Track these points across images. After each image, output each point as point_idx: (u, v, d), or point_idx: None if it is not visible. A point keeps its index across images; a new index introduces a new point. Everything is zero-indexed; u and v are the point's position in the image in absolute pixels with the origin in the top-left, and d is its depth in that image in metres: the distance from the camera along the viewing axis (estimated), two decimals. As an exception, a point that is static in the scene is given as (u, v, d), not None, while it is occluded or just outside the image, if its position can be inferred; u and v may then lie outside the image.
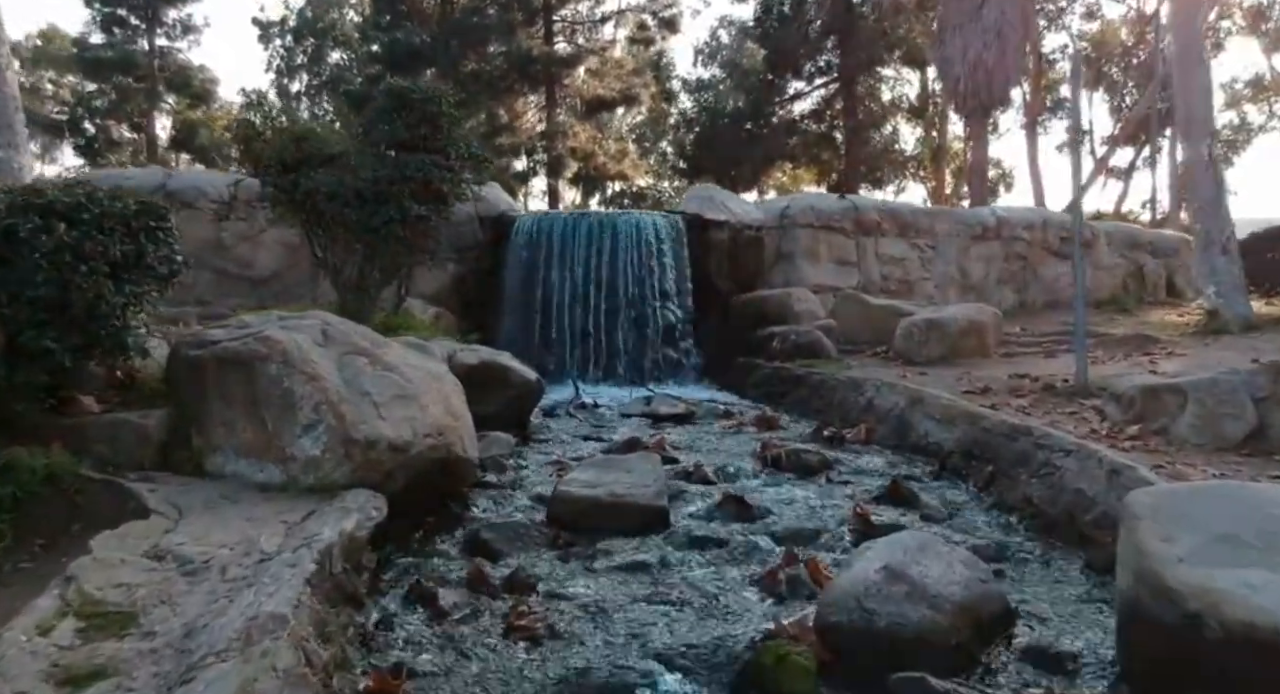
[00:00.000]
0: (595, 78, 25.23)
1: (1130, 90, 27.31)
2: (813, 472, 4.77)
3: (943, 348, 7.26)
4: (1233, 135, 29.13)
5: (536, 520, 3.84)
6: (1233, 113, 29.46)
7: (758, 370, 7.92)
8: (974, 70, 20.46)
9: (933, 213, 11.86)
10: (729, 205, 10.34)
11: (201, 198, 9.27)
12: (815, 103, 25.17)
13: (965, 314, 7.41)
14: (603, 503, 3.82)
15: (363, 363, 3.73)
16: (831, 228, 10.74)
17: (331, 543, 2.79)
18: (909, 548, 2.78)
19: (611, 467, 4.19)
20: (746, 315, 9.35)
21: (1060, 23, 27.38)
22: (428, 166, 6.01)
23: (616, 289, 9.21)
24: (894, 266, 11.09)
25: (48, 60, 30.76)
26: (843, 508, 4.10)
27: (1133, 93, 26.96)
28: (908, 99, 27.06)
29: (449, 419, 3.95)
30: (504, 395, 5.88)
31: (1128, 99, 27.40)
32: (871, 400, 5.84)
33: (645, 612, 2.94)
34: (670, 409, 6.68)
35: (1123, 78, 27.53)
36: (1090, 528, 3.40)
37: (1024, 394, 5.53)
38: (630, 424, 6.39)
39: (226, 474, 3.55)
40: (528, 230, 9.49)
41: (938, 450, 4.90)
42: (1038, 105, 26.55)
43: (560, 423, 6.52)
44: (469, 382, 5.51)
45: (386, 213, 5.82)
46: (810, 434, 5.72)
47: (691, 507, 4.12)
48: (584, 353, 9.12)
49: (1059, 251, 12.41)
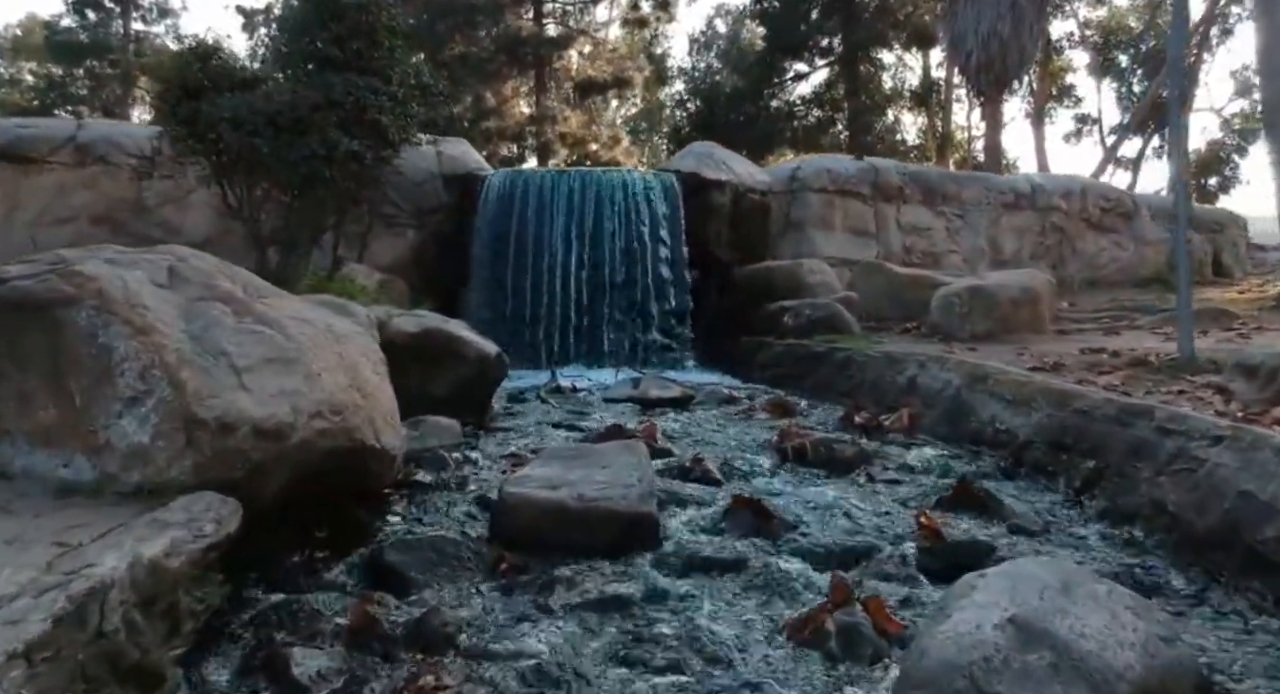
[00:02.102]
0: (586, 60, 24.90)
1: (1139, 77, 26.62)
2: (848, 467, 3.77)
3: (989, 321, 6.26)
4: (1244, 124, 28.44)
5: (474, 535, 2.83)
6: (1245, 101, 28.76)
7: (767, 349, 6.91)
8: (988, 44, 19.91)
9: (961, 178, 10.88)
10: (731, 164, 9.32)
11: (117, 152, 8.21)
12: (816, 86, 24.74)
13: (1016, 281, 6.40)
14: (568, 510, 2.81)
15: (221, 312, 2.71)
16: (848, 193, 9.75)
17: (107, 581, 1.77)
18: (1046, 586, 1.78)
19: (582, 459, 3.17)
20: (752, 289, 8.35)
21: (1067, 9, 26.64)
22: (361, 90, 4.98)
23: (602, 258, 8.20)
24: (917, 237, 10.10)
25: (27, 51, 30.07)
26: (896, 516, 3.10)
27: (1141, 80, 26.30)
28: (909, 87, 26.34)
29: (354, 395, 2.93)
30: (455, 374, 4.87)
31: (1135, 87, 26.77)
32: (914, 380, 4.83)
33: (620, 682, 1.94)
34: (663, 392, 5.67)
35: (1131, 64, 26.78)
36: (1273, 549, 2.40)
37: (1108, 371, 4.54)
38: (615, 410, 5.38)
39: (16, 471, 2.52)
40: (499, 191, 8.46)
41: (1008, 440, 3.90)
42: (1044, 93, 25.92)
43: (529, 409, 5.50)
44: (409, 355, 4.52)
45: (306, 146, 4.78)
46: (838, 421, 4.72)
47: (690, 514, 3.12)
48: (563, 331, 8.10)
49: (1099, 224, 11.44)
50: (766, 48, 23.48)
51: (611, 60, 24.94)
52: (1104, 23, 26.83)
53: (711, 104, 23.51)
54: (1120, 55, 26.98)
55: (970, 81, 21.09)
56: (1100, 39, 26.44)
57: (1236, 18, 25.24)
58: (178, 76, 4.96)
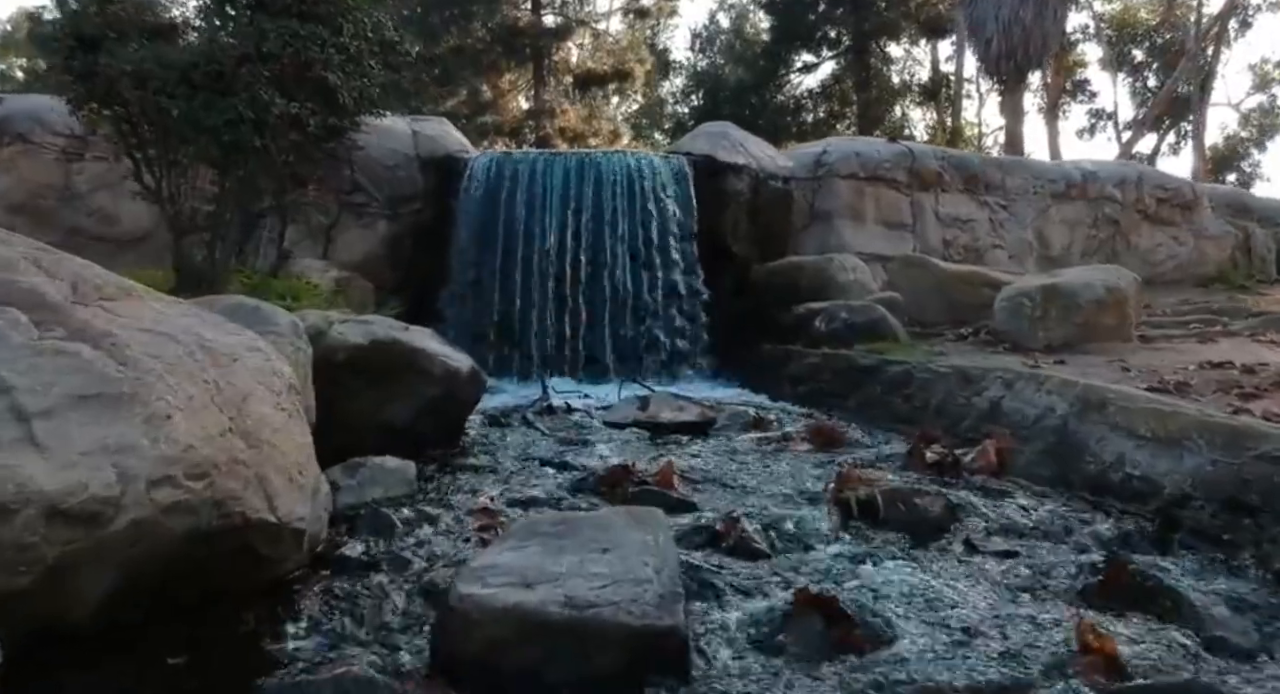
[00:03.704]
0: (586, 52, 24.75)
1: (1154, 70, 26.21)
2: (937, 530, 2.84)
3: (1068, 327, 5.33)
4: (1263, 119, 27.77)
5: (407, 665, 1.91)
6: (1263, 95, 28.06)
7: (797, 360, 5.99)
8: (1009, 30, 19.52)
9: (1005, 164, 9.95)
10: (748, 146, 8.40)
11: (41, 130, 7.30)
12: (824, 79, 24.37)
13: (1100, 279, 5.46)
14: (549, 623, 1.88)
15: (7, 324, 1.78)
16: (881, 180, 8.84)
17: None
18: None
19: (572, 537, 2.23)
20: (774, 288, 7.44)
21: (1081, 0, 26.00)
22: (301, 40, 4.06)
23: (602, 253, 7.30)
24: (958, 230, 9.17)
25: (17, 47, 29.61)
26: (1032, 618, 2.18)
27: (1157, 74, 25.99)
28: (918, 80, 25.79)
29: (233, 445, 2.01)
30: (418, 395, 3.95)
31: (1151, 81, 26.41)
32: (998, 404, 3.90)
33: None
34: (677, 415, 4.74)
35: (1146, 57, 26.23)
36: None
37: (1255, 393, 3.61)
38: (618, 439, 4.45)
39: None
40: (484, 176, 7.55)
41: (1148, 492, 2.97)
42: (1058, 87, 25.24)
43: (513, 436, 4.57)
44: (356, 374, 3.63)
45: (230, 108, 3.86)
46: (903, 458, 3.79)
47: (732, 616, 2.19)
48: (558, 336, 7.19)
49: (1156, 216, 10.53)
50: (773, 38, 23.08)
51: (613, 51, 24.73)
52: (1117, 15, 26.47)
53: (715, 97, 22.91)
54: (1135, 49, 26.37)
55: (990, 69, 20.66)
56: (1114, 32, 26.10)
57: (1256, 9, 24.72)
58: (71, 22, 4.05)
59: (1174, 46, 24.60)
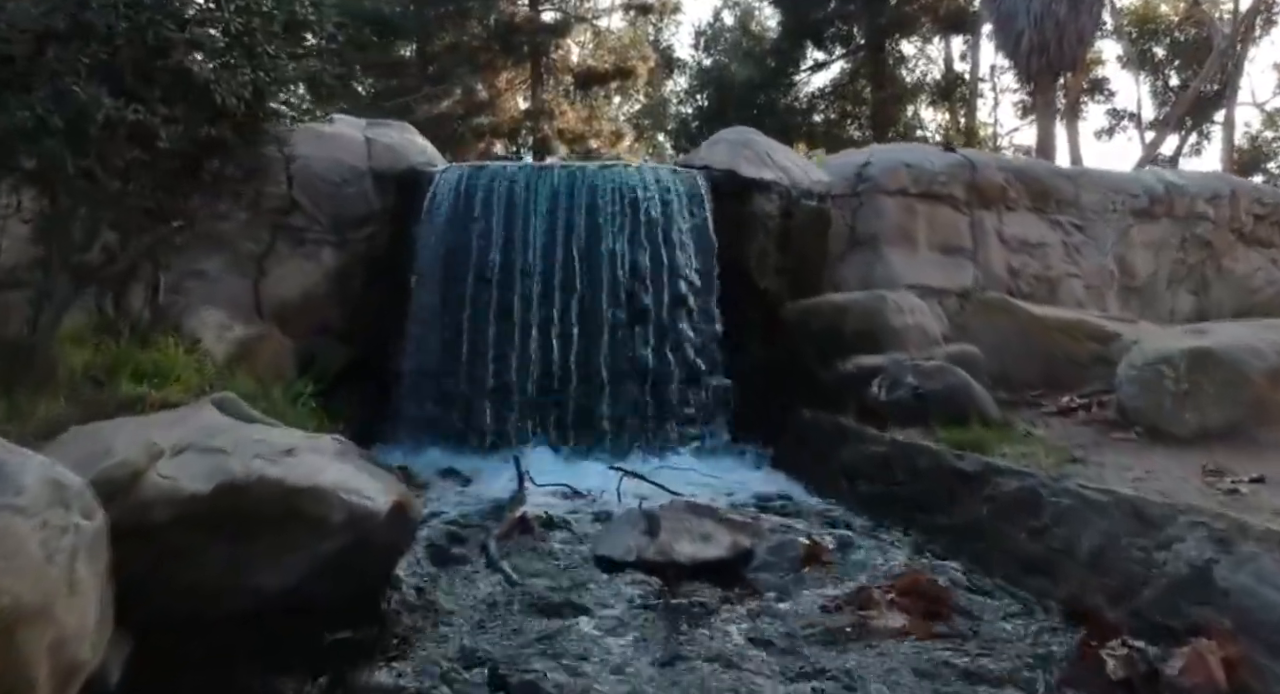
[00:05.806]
0: (587, 50, 24.28)
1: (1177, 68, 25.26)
2: None
3: (1229, 408, 4.01)
4: None
5: None
6: None
7: (854, 444, 4.67)
8: (1042, 24, 18.55)
9: (1076, 176, 8.62)
10: (776, 158, 7.09)
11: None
12: (836, 77, 23.63)
13: (1271, 343, 4.15)
14: None
15: None
16: (934, 196, 7.53)
17: None
18: None
19: None
20: (810, 335, 6.14)
21: None
22: (147, 10, 2.78)
23: (597, 292, 5.99)
24: (1027, 256, 7.85)
25: None
26: None
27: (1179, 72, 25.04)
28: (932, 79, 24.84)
29: None
30: (303, 549, 2.65)
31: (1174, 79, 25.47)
32: (1208, 572, 2.57)
33: None
34: (698, 550, 3.41)
35: (1168, 55, 25.43)
36: None
37: None
38: (615, 600, 3.12)
39: None
40: (453, 194, 6.25)
41: None
42: (1079, 86, 24.24)
43: (464, 590, 3.23)
44: (208, 530, 2.34)
45: (23, 110, 2.57)
46: (1069, 663, 2.47)
47: None
48: (540, 396, 5.88)
49: (1252, 236, 9.22)
50: (783, 34, 22.30)
51: (614, 49, 24.17)
52: (1139, 11, 25.41)
53: (721, 96, 22.01)
54: (1156, 47, 25.33)
55: (1020, 66, 19.56)
56: (1135, 29, 25.11)
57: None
58: None
59: (1195, 43, 23.59)
